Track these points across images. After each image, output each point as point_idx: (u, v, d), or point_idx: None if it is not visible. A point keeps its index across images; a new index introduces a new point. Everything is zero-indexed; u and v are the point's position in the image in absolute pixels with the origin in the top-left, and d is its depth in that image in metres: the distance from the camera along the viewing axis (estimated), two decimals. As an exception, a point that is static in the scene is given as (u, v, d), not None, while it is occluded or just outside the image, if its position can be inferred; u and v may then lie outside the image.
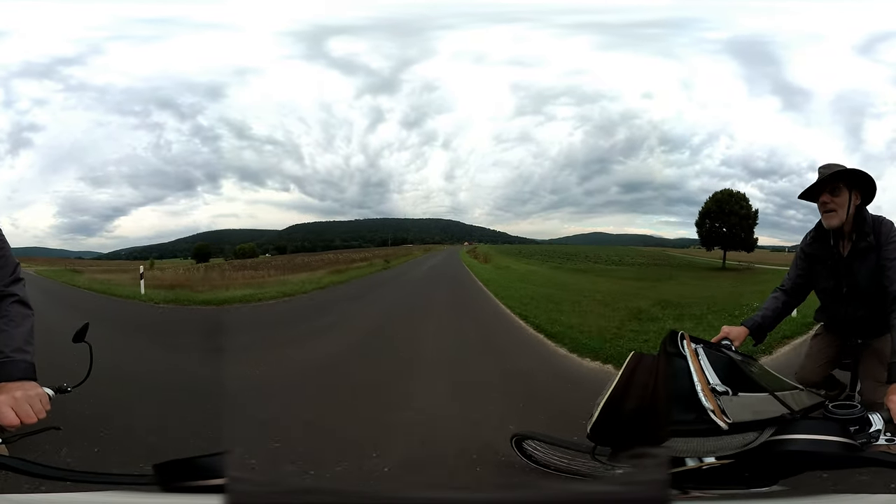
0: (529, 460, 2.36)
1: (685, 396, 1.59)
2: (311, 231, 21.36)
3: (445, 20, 11.80)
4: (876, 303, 2.16)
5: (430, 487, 1.04)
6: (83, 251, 16.72)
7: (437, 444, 3.15)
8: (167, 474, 1.16)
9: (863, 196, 2.28)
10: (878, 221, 2.22)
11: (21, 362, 1.48)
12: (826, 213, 2.27)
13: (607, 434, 1.66)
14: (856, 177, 2.22)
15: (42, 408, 1.41)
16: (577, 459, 2.09)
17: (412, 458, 2.90)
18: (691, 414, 1.53)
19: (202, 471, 1.13)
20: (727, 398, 1.60)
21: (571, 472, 2.11)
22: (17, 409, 1.36)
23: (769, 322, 2.38)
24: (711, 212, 13.82)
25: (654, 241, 18.03)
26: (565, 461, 2.16)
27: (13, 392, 1.39)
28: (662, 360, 1.78)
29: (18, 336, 1.55)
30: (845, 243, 2.29)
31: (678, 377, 1.67)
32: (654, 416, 1.56)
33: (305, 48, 12.91)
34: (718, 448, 1.47)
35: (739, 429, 1.49)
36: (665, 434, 1.46)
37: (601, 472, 1.77)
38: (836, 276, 2.31)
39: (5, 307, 1.61)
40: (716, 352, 1.92)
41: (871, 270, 2.19)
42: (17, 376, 1.45)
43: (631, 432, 1.57)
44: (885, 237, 2.17)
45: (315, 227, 21.74)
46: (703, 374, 1.69)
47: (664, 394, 1.61)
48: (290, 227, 21.07)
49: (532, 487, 0.96)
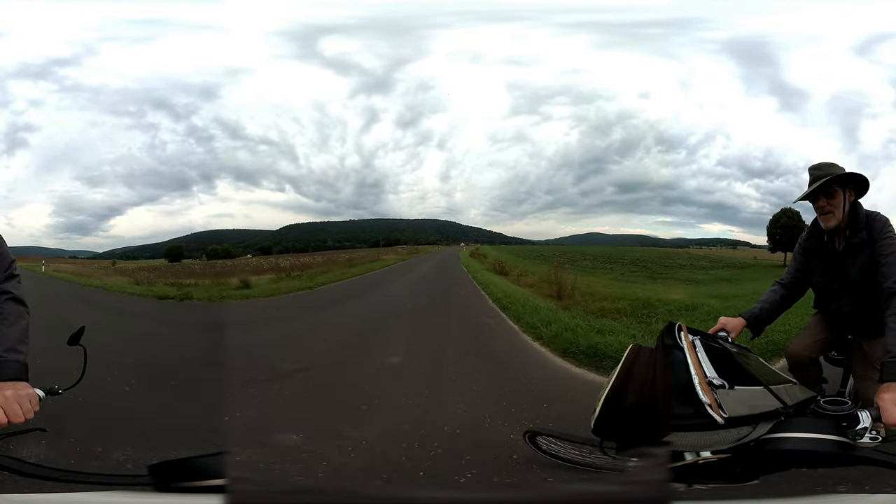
0: (544, 454, 2.38)
1: (683, 390, 1.60)
2: (305, 232, 21.30)
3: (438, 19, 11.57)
4: (867, 299, 2.17)
5: (430, 487, 1.05)
6: (78, 250, 16.65)
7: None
8: (165, 475, 1.16)
9: (856, 192, 2.28)
10: (871, 217, 2.22)
11: (13, 362, 1.47)
12: (823, 215, 2.28)
13: (610, 428, 1.67)
14: (847, 176, 2.24)
15: (31, 408, 1.40)
16: (592, 454, 2.10)
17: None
18: (689, 408, 1.54)
19: (200, 471, 1.13)
20: (723, 392, 1.61)
21: (586, 466, 2.13)
22: (6, 409, 1.35)
23: (767, 315, 2.38)
24: (781, 222, 14.28)
25: (651, 242, 17.99)
26: (579, 455, 2.18)
27: (3, 391, 1.38)
28: (660, 352, 1.79)
29: (11, 335, 1.52)
30: (840, 239, 2.30)
31: (676, 370, 1.68)
32: (654, 410, 1.57)
33: (297, 48, 12.67)
34: (715, 442, 1.49)
35: (735, 423, 1.51)
36: (665, 428, 1.47)
37: (612, 465, 1.78)
38: (830, 271, 2.33)
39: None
40: (712, 343, 1.92)
41: (863, 266, 2.19)
42: (8, 376, 1.44)
43: (632, 427, 1.58)
44: (878, 233, 2.17)
45: (309, 228, 21.65)
46: (700, 367, 1.70)
47: (663, 387, 1.62)
48: (284, 228, 21.01)
49: (534, 487, 0.97)
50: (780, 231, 13.67)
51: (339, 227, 22.35)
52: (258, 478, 1.08)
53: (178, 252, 16.15)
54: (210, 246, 16.48)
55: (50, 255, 15.92)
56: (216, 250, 16.32)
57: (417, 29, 12.16)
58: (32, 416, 1.39)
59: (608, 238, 19.44)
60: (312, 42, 13.28)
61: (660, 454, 1.08)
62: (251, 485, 1.07)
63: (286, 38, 11.96)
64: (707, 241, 17.35)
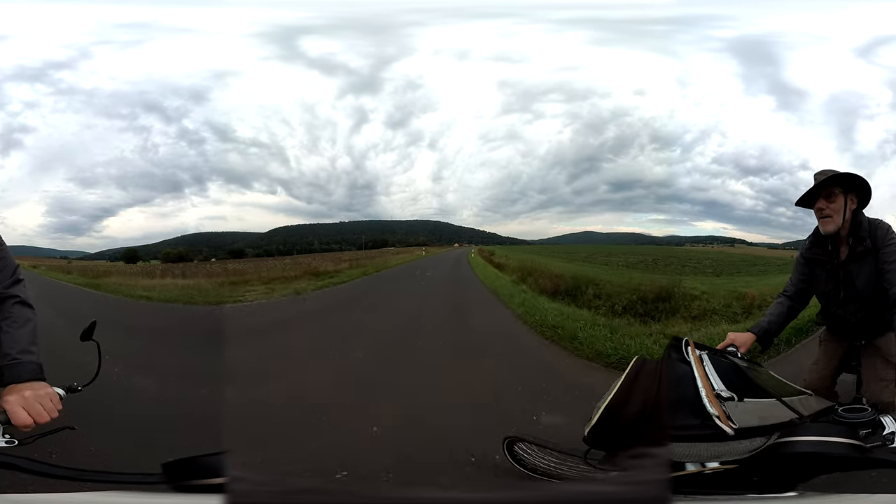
0: (518, 464, 2.32)
1: (690, 402, 1.57)
2: (293, 234, 21.14)
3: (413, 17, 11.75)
4: (875, 305, 2.16)
5: (430, 487, 1.03)
6: (71, 250, 16.93)
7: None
8: (171, 473, 1.16)
9: (858, 200, 2.28)
10: (874, 225, 2.22)
11: (28, 363, 1.50)
12: (822, 218, 2.28)
13: (605, 438, 1.64)
14: (851, 181, 2.23)
15: (54, 407, 1.42)
16: (566, 463, 2.05)
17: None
18: (696, 419, 1.51)
19: (201, 470, 1.14)
20: (732, 404, 1.58)
21: (559, 476, 2.07)
22: (29, 409, 1.36)
23: (775, 328, 2.37)
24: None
25: (645, 240, 17.68)
26: (554, 464, 2.12)
27: (23, 392, 1.40)
28: (665, 365, 1.77)
29: (22, 337, 1.56)
30: (843, 248, 2.29)
31: (682, 383, 1.66)
32: (654, 422, 1.54)
33: (279, 49, 12.98)
34: (724, 453, 1.45)
35: (746, 434, 1.47)
36: (663, 440, 1.44)
37: (592, 476, 1.74)
38: (835, 281, 2.31)
39: (7, 309, 1.63)
40: (721, 358, 1.90)
41: (869, 274, 2.19)
42: (25, 377, 1.46)
43: (629, 437, 1.55)
44: (882, 240, 2.17)
45: (297, 230, 21.45)
46: (707, 379, 1.67)
47: (664, 399, 1.60)
48: (272, 231, 20.92)
49: (532, 488, 0.96)
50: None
51: (329, 228, 22.04)
52: (258, 477, 1.08)
53: (133, 255, 16.37)
54: (165, 250, 16.59)
55: (43, 255, 16.12)
56: (170, 254, 16.40)
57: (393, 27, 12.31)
58: (56, 414, 1.41)
59: (602, 237, 19.06)
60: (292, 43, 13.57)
61: (658, 459, 1.06)
62: (251, 484, 1.07)
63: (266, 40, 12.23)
64: (702, 239, 17.01)
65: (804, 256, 2.43)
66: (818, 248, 2.36)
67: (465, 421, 3.54)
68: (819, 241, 2.36)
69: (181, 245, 16.74)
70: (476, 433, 3.19)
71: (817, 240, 2.37)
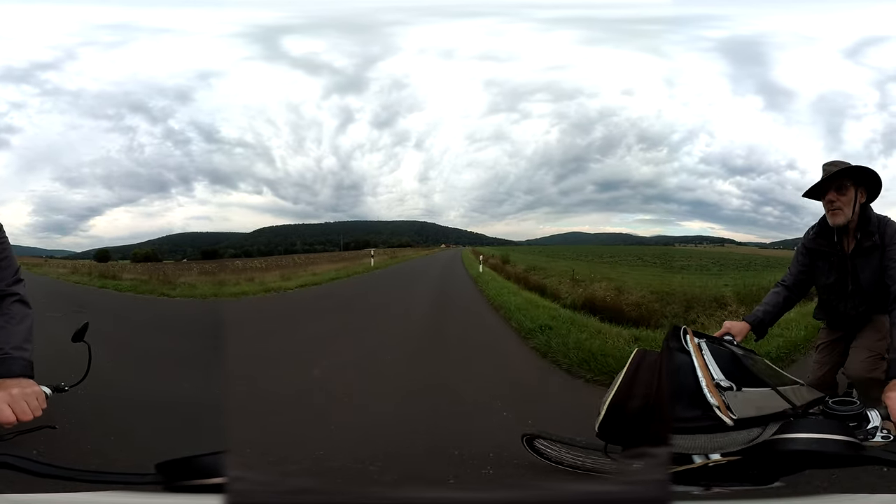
0: (542, 458, 2.35)
1: (690, 392, 1.58)
2: (278, 234, 21.01)
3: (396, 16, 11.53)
4: (876, 301, 2.17)
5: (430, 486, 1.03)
6: (57, 250, 16.91)
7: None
8: (170, 473, 1.15)
9: (868, 194, 2.27)
10: (883, 221, 2.22)
11: (20, 360, 1.51)
12: (832, 211, 2.27)
13: (615, 432, 1.65)
14: (862, 174, 2.22)
15: (38, 405, 1.42)
16: (590, 457, 2.08)
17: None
18: (696, 410, 1.52)
19: (201, 470, 1.13)
20: (731, 394, 1.59)
21: (585, 469, 2.10)
22: (14, 406, 1.36)
23: (770, 317, 2.37)
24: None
25: (632, 240, 17.69)
26: (580, 458, 2.16)
27: (10, 389, 1.40)
28: (665, 355, 1.77)
29: (18, 334, 1.58)
30: (849, 240, 2.28)
31: (682, 373, 1.66)
32: (659, 414, 1.55)
33: (261, 49, 12.74)
34: (725, 445, 1.46)
35: (744, 424, 1.49)
36: (669, 431, 1.45)
37: (615, 469, 1.76)
38: (839, 273, 2.31)
39: (6, 306, 1.66)
40: (718, 346, 1.91)
41: (874, 269, 2.19)
42: (15, 373, 1.47)
43: (637, 430, 1.56)
44: (890, 238, 2.18)
45: (282, 231, 21.29)
46: (707, 369, 1.68)
47: (667, 390, 1.61)
48: (256, 231, 20.77)
49: (534, 487, 0.95)
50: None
51: (315, 229, 21.88)
52: (258, 477, 1.07)
53: (104, 255, 16.39)
54: (134, 250, 16.64)
55: (29, 253, 16.13)
56: (137, 254, 16.46)
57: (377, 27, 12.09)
58: (40, 413, 1.41)
59: (589, 237, 19.06)
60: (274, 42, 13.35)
61: (661, 455, 1.06)
62: (251, 484, 1.06)
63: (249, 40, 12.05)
64: (691, 239, 17.08)
65: (807, 247, 2.43)
66: (823, 239, 2.36)
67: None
68: (824, 233, 2.35)
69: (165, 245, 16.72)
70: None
71: (822, 231, 2.36)
